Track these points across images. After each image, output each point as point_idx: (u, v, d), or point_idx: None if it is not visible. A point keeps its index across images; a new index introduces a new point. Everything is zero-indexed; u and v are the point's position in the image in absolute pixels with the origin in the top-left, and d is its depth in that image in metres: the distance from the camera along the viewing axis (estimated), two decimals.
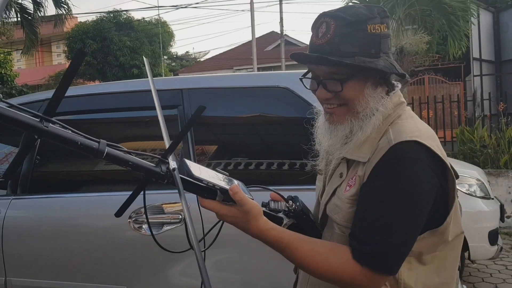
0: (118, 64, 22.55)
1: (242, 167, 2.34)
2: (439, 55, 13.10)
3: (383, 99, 1.20)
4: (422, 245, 1.16)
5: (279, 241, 1.15)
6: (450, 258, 1.23)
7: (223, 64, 24.06)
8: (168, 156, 1.12)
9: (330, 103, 1.23)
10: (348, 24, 1.16)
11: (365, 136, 1.19)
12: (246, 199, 1.12)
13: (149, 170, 1.10)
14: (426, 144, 1.11)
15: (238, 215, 1.13)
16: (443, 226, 1.16)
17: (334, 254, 1.14)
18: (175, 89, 2.45)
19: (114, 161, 1.06)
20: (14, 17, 13.07)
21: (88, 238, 2.38)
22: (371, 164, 1.14)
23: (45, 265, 2.43)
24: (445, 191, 1.15)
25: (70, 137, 1.00)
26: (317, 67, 1.21)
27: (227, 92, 2.45)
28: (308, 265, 1.15)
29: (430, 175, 1.11)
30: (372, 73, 1.18)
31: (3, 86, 19.16)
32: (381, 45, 1.17)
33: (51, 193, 2.59)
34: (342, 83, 1.17)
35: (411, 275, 1.17)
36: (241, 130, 2.54)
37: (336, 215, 1.22)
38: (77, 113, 2.66)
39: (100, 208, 2.43)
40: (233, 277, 2.29)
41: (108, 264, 2.34)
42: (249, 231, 1.16)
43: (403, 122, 1.18)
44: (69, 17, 14.55)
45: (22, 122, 0.93)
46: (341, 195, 1.21)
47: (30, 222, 2.52)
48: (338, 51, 1.15)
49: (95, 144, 1.02)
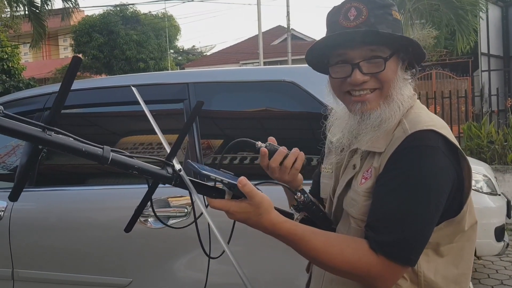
0: (125, 58, 22.59)
1: (247, 161, 2.35)
2: (447, 50, 13.02)
3: (410, 84, 1.20)
4: (440, 236, 1.14)
5: (293, 233, 1.11)
6: (467, 248, 1.21)
7: (229, 58, 24.03)
8: (172, 158, 1.11)
9: (363, 89, 1.19)
10: (379, 7, 1.17)
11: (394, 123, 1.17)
12: (256, 191, 1.08)
13: (155, 174, 1.09)
14: (442, 133, 1.10)
15: (249, 209, 1.08)
16: (459, 215, 1.14)
17: (349, 246, 1.11)
18: (181, 83, 2.45)
19: (119, 167, 1.06)
20: (22, 11, 13.12)
21: (94, 231, 2.39)
22: (387, 155, 1.12)
23: (51, 257, 2.45)
24: (461, 180, 1.14)
25: (74, 145, 1.00)
26: (351, 50, 1.17)
27: (233, 86, 2.45)
28: (322, 258, 1.12)
29: (447, 164, 1.09)
30: (406, 54, 1.19)
31: (11, 79, 19.23)
32: (402, 31, 1.19)
33: (57, 186, 2.61)
34: (386, 61, 1.15)
35: (430, 267, 1.15)
36: (247, 124, 2.54)
37: (352, 208, 1.19)
38: (85, 106, 2.67)
39: (106, 201, 2.44)
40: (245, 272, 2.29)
41: (114, 257, 2.35)
42: (261, 226, 1.11)
43: (416, 112, 1.18)
44: (76, 11, 14.59)
45: (25, 134, 0.94)
46: (356, 188, 1.18)
47: (37, 215, 2.54)
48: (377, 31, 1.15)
49: (99, 151, 1.02)
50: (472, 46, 10.22)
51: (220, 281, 2.23)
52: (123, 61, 22.69)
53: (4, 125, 0.93)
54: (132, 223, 1.19)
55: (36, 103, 2.71)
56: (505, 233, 4.26)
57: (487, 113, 9.60)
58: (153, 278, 2.30)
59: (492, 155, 7.32)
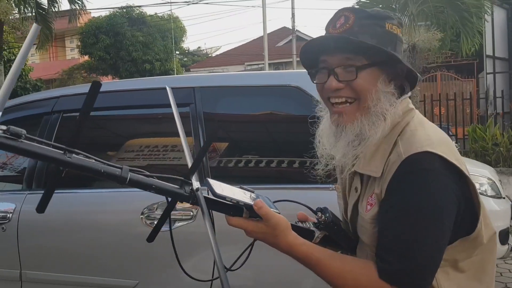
0: (131, 59, 22.67)
1: (252, 164, 2.37)
2: (452, 52, 13.00)
3: (393, 99, 1.16)
4: (456, 252, 1.13)
5: (309, 257, 1.13)
6: (488, 260, 1.18)
7: (234, 59, 24.09)
8: (191, 176, 1.13)
9: (339, 97, 1.17)
10: (368, 17, 1.16)
11: (376, 139, 1.14)
12: (272, 213, 1.10)
13: (172, 193, 1.12)
14: (438, 153, 1.07)
15: (266, 230, 1.11)
16: (475, 232, 1.12)
17: (363, 273, 1.11)
18: (188, 87, 2.48)
19: (137, 186, 1.09)
20: (29, 13, 13.22)
21: (102, 233, 2.42)
22: (386, 180, 1.10)
23: (59, 258, 2.48)
24: (469, 197, 1.11)
25: (93, 166, 1.04)
26: (330, 56, 1.17)
27: (238, 91, 2.48)
28: (337, 283, 1.13)
29: (447, 184, 1.06)
30: (387, 68, 1.16)
31: (18, 80, 19.39)
32: (397, 46, 1.17)
33: (65, 188, 2.64)
34: (358, 70, 1.14)
35: (452, 285, 1.13)
36: (252, 128, 2.57)
37: (364, 235, 1.19)
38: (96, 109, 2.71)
39: (114, 204, 2.47)
40: (244, 272, 2.31)
41: (121, 259, 2.38)
42: (278, 247, 1.14)
43: (412, 131, 1.13)
44: (82, 12, 14.68)
45: (47, 156, 1.00)
46: (363, 215, 1.17)
47: (45, 217, 2.56)
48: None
49: (118, 171, 1.06)
50: (477, 48, 10.19)
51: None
52: (129, 63, 22.78)
53: (28, 149, 0.98)
54: (154, 234, 1.24)
55: (44, 106, 2.75)
56: (509, 236, 4.27)
57: (492, 115, 9.57)
58: (159, 281, 2.33)
59: (497, 158, 7.31)
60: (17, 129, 0.99)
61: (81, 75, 25.17)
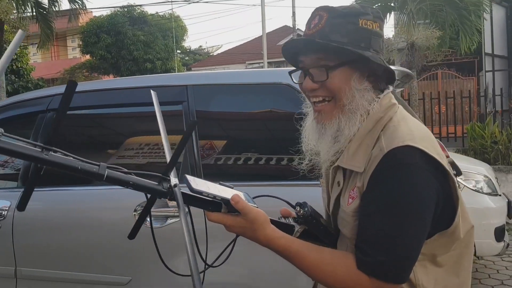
0: (132, 58, 22.71)
1: (241, 162, 2.39)
2: (452, 50, 12.99)
3: (369, 95, 1.18)
4: (434, 247, 1.14)
5: (287, 249, 1.14)
6: (466, 255, 1.20)
7: (235, 58, 24.09)
8: (169, 173, 1.15)
9: (316, 96, 1.21)
10: (339, 16, 1.17)
11: (357, 138, 1.17)
12: (249, 207, 1.12)
13: (150, 189, 1.14)
14: (420, 147, 1.08)
15: (244, 225, 1.13)
16: (452, 226, 1.14)
17: (341, 264, 1.13)
18: (180, 85, 2.50)
19: (115, 183, 1.10)
20: (29, 12, 13.25)
21: (95, 230, 2.45)
22: (368, 174, 1.12)
23: (53, 255, 2.51)
24: (448, 192, 1.12)
25: (70, 164, 1.05)
26: (305, 57, 1.21)
27: (230, 89, 2.50)
28: (315, 275, 1.15)
29: (428, 178, 1.08)
30: (359, 66, 1.17)
31: (20, 79, 19.43)
32: (371, 41, 1.17)
33: (60, 186, 2.67)
34: (328, 71, 1.16)
35: (429, 279, 1.14)
36: (244, 126, 2.58)
37: (344, 228, 1.20)
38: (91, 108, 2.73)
39: (107, 201, 2.49)
40: (241, 270, 2.32)
41: (114, 256, 2.41)
42: (257, 240, 1.15)
43: (395, 126, 1.14)
44: (84, 12, 14.71)
45: (24, 154, 1.01)
46: (345, 208, 1.18)
47: (39, 214, 2.60)
48: (328, 40, 1.15)
49: (95, 168, 1.07)
50: (476, 46, 10.16)
51: (218, 280, 2.28)
52: (131, 62, 22.82)
53: (4, 146, 0.99)
54: (135, 231, 1.27)
55: (39, 105, 2.77)
56: (505, 233, 4.28)
57: (491, 113, 9.57)
58: (152, 277, 2.35)
59: (495, 156, 7.32)
60: None
61: (83, 74, 25.22)
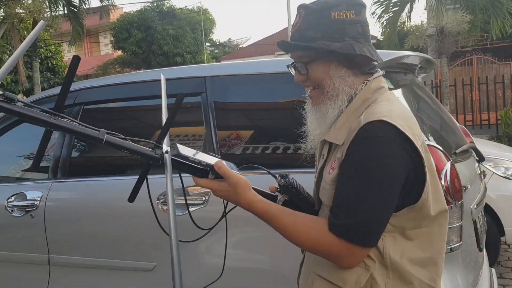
0: (162, 52, 23.03)
1: (259, 151, 2.43)
2: (488, 34, 12.59)
3: (349, 79, 1.30)
4: (403, 220, 1.24)
5: (266, 212, 1.27)
6: (436, 234, 1.29)
7: (264, 49, 24.04)
8: (162, 141, 1.29)
9: (306, 86, 1.37)
10: (313, 12, 1.29)
11: (343, 117, 1.28)
12: (231, 173, 1.26)
13: (144, 154, 1.28)
14: (393, 123, 1.17)
15: (228, 189, 1.27)
16: (419, 202, 1.22)
17: (314, 227, 1.25)
18: (199, 77, 2.55)
19: (113, 147, 1.25)
20: (61, 10, 13.63)
21: (121, 218, 2.53)
22: (346, 145, 1.22)
23: (83, 243, 2.62)
24: (419, 169, 1.20)
25: (74, 128, 1.21)
26: (292, 54, 1.37)
27: (248, 79, 2.53)
28: (290, 235, 1.26)
29: (397, 152, 1.17)
30: (335, 55, 1.28)
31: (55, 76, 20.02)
32: (345, 30, 1.27)
33: (88, 177, 2.78)
34: (307, 65, 1.31)
35: (396, 249, 1.24)
36: (263, 115, 2.61)
37: (323, 196, 1.31)
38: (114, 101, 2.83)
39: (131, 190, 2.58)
40: (259, 257, 2.37)
41: (139, 243, 2.50)
42: (239, 203, 1.29)
43: (377, 105, 1.25)
44: (114, 8, 15.02)
45: (36, 118, 1.19)
46: (326, 178, 1.30)
47: (69, 204, 2.72)
48: (304, 37, 1.29)
49: (96, 133, 1.22)
50: (508, 30, 9.82)
51: (237, 266, 2.34)
52: (161, 56, 23.15)
53: (20, 111, 1.18)
54: (134, 194, 1.44)
55: (67, 99, 2.88)
56: None
57: None
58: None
59: None
60: (11, 94, 1.19)
61: (115, 70, 25.75)
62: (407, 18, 11.72)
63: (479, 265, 2.45)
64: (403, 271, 1.24)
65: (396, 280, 1.24)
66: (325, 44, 1.26)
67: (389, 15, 11.56)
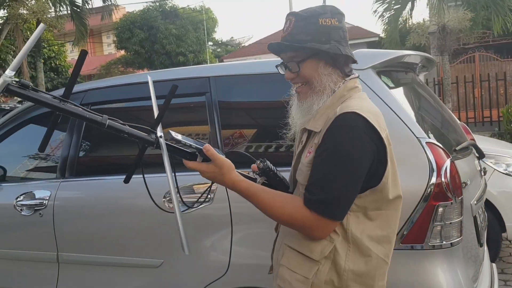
0: (165, 52, 23.07)
1: (262, 149, 2.47)
2: (490, 31, 12.59)
3: (334, 77, 1.50)
4: (366, 202, 1.45)
5: (248, 190, 1.48)
6: (393, 217, 1.51)
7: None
8: (156, 127, 1.48)
9: (295, 83, 1.56)
10: (303, 19, 1.49)
11: (322, 109, 1.48)
12: (217, 155, 1.45)
13: (140, 138, 1.46)
14: (363, 115, 1.38)
15: (214, 170, 1.46)
16: (380, 184, 1.43)
17: (289, 202, 1.46)
18: (203, 77, 2.59)
19: (113, 131, 1.44)
20: (65, 11, 13.69)
21: (129, 216, 2.58)
22: (323, 133, 1.43)
23: (91, 240, 2.67)
24: (382, 156, 1.41)
25: (80, 113, 1.40)
26: (283, 54, 1.56)
27: (251, 79, 2.57)
28: (268, 210, 1.47)
29: (365, 139, 1.38)
30: (323, 55, 1.48)
31: (58, 76, 20.12)
32: (330, 34, 1.48)
33: (95, 176, 2.84)
34: (299, 63, 1.50)
35: (358, 227, 1.46)
36: (266, 115, 2.65)
37: (299, 176, 1.51)
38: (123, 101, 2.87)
39: (139, 188, 2.61)
40: (260, 253, 2.41)
41: (147, 240, 2.54)
42: (224, 183, 1.48)
43: (351, 100, 1.47)
44: (117, 8, 15.07)
45: (47, 103, 1.39)
46: (303, 161, 1.50)
47: (78, 202, 2.77)
48: (294, 39, 1.48)
49: (99, 118, 1.40)
50: (510, 27, 9.82)
51: (242, 262, 2.38)
52: (164, 55, 23.19)
53: (33, 96, 1.36)
54: (129, 176, 1.65)
55: (74, 100, 2.92)
56: None
57: None
58: (182, 260, 2.47)
59: None
60: (26, 82, 1.35)
61: (118, 69, 25.80)
62: (409, 16, 11.74)
63: (480, 260, 2.49)
64: (362, 245, 1.45)
65: (355, 253, 1.45)
66: (315, 45, 1.45)
67: (390, 13, 11.58)
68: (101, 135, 2.97)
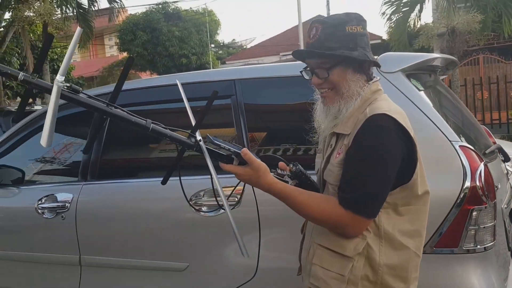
0: (168, 54, 23.05)
1: (290, 152, 2.46)
2: (494, 34, 12.59)
3: (361, 82, 1.55)
4: (397, 198, 1.49)
5: (283, 191, 1.52)
6: (422, 211, 1.56)
7: (269, 50, 24.06)
8: (195, 131, 1.55)
9: (322, 88, 1.59)
10: (330, 26, 1.53)
11: (349, 113, 1.52)
12: (254, 158, 1.50)
13: (181, 141, 1.54)
14: (393, 116, 1.44)
15: (251, 173, 1.50)
16: (411, 181, 1.48)
17: (324, 202, 1.51)
18: (228, 80, 2.59)
19: (157, 134, 1.51)
20: (71, 13, 13.69)
21: (153, 219, 2.57)
22: (353, 134, 1.48)
23: (114, 244, 2.66)
24: (412, 154, 1.46)
25: (126, 117, 1.47)
26: (310, 60, 1.60)
27: (276, 81, 2.56)
28: (304, 210, 1.51)
29: (396, 139, 1.43)
30: (351, 62, 1.52)
31: None
32: (357, 41, 1.52)
33: (117, 179, 2.82)
34: (328, 70, 1.53)
35: (389, 223, 1.50)
36: (290, 117, 2.65)
37: (330, 177, 1.56)
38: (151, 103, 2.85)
39: (163, 192, 2.61)
40: (288, 257, 2.40)
41: (172, 243, 2.53)
42: (260, 185, 1.52)
43: (378, 102, 1.52)
44: (123, 10, 15.08)
45: (95, 107, 1.47)
46: (333, 162, 1.55)
47: (99, 205, 2.75)
48: (323, 46, 1.52)
49: (144, 122, 1.49)
50: None
51: (270, 266, 2.37)
52: (166, 58, 23.17)
53: (83, 101, 1.45)
54: (167, 178, 1.69)
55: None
56: None
57: None
58: (208, 263, 2.46)
59: None
60: (76, 87, 1.44)
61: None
62: (417, 18, 11.72)
63: (508, 263, 2.48)
64: (394, 240, 1.49)
65: (388, 248, 1.49)
66: (345, 52, 1.49)
67: (399, 15, 11.57)
68: (123, 138, 2.95)
